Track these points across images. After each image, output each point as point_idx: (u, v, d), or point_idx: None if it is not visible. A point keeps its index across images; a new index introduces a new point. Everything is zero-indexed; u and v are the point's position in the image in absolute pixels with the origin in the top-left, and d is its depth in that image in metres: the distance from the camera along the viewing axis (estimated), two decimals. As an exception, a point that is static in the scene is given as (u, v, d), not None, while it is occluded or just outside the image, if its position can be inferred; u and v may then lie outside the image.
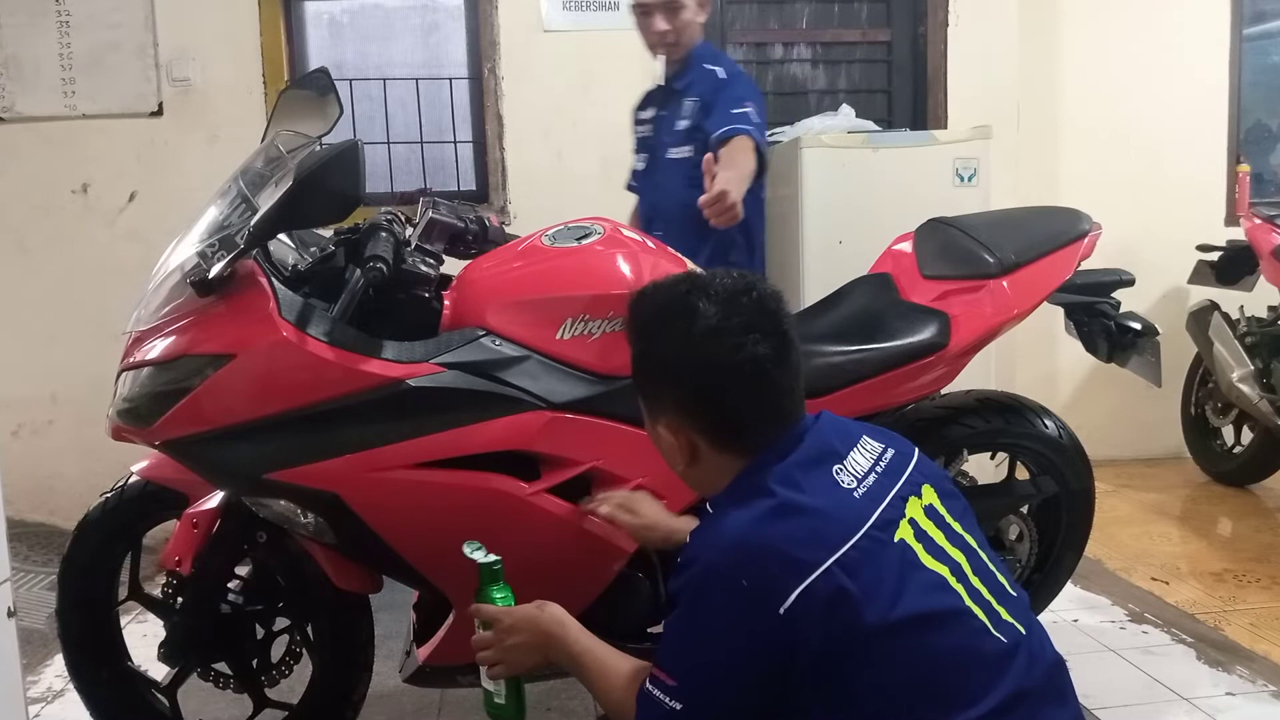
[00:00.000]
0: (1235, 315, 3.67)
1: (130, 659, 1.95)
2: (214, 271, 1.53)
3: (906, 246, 2.11)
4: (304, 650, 1.89)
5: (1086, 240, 2.05)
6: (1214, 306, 3.70)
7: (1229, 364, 3.55)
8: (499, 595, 1.40)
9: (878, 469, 1.23)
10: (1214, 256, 3.72)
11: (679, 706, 1.13)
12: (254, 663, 1.89)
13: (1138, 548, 3.14)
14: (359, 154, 1.52)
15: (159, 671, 1.92)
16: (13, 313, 3.51)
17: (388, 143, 3.73)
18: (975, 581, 1.21)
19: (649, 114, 2.71)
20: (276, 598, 1.87)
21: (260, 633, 1.90)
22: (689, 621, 1.15)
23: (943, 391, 2.07)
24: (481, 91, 3.66)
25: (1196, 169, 4.08)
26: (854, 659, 1.10)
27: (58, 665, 2.28)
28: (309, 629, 1.87)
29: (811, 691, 1.12)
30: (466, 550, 1.42)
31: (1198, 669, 2.30)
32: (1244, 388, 3.48)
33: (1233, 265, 3.66)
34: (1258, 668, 2.29)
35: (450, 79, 3.71)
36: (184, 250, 1.64)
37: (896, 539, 1.16)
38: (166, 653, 1.82)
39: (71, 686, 1.94)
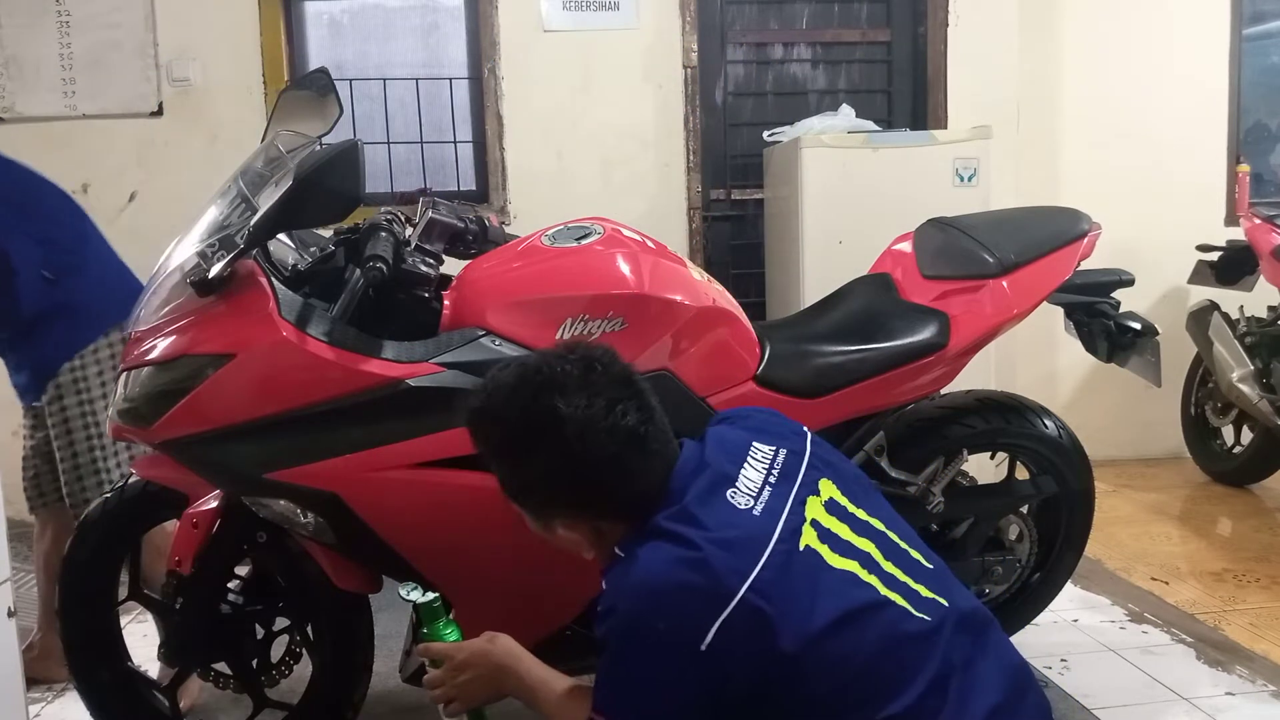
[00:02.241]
0: (1235, 315, 3.67)
1: (130, 659, 1.95)
2: (214, 271, 1.53)
3: (906, 246, 2.11)
4: (304, 650, 1.89)
5: (1086, 240, 2.05)
6: (1214, 306, 3.70)
7: (1229, 364, 3.55)
8: (446, 632, 1.38)
9: (771, 479, 1.23)
10: (1214, 256, 3.71)
11: None
12: (254, 663, 1.88)
13: (1138, 548, 3.13)
14: (359, 154, 1.53)
15: (159, 671, 1.91)
16: (13, 313, 3.50)
17: (388, 143, 3.73)
18: (889, 567, 1.22)
19: None
20: (276, 598, 1.87)
21: (260, 633, 1.89)
22: (616, 667, 1.16)
23: (943, 391, 2.07)
24: (481, 91, 3.66)
25: (1196, 169, 4.07)
26: (784, 676, 1.11)
27: (58, 665, 2.28)
28: (309, 629, 1.87)
29: (749, 715, 1.12)
30: (402, 593, 1.41)
31: (1198, 669, 2.30)
32: (1244, 388, 3.47)
33: (1233, 265, 3.66)
34: (1258, 668, 2.29)
35: (450, 79, 3.71)
36: (184, 250, 1.64)
37: (803, 547, 1.16)
38: (166, 653, 1.83)
39: (71, 686, 1.94)
